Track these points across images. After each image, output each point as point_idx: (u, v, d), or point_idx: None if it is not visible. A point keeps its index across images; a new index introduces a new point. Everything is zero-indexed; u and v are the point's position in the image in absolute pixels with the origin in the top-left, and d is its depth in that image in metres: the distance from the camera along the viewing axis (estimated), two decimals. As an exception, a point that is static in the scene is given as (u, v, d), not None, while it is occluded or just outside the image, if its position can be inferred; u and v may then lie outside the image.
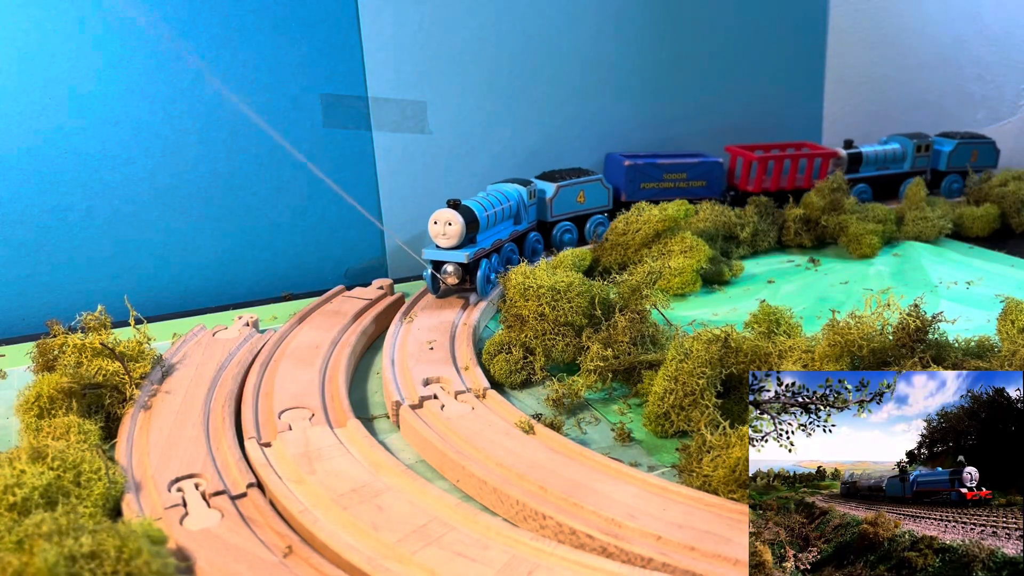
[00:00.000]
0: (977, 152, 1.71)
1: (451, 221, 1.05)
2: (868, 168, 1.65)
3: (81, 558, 0.50)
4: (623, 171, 1.48)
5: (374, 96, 1.35)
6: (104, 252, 1.21)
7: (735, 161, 1.59)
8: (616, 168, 1.51)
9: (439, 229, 1.05)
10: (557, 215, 1.33)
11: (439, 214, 1.05)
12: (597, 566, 0.57)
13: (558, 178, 1.34)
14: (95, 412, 0.80)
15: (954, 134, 1.73)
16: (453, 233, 1.05)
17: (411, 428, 0.79)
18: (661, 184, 1.51)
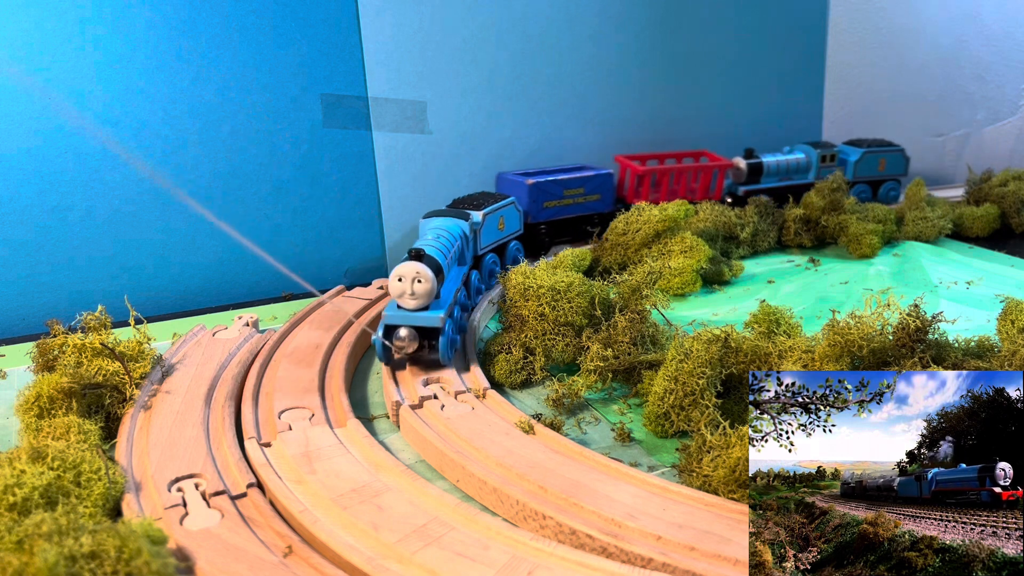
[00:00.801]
0: (885, 161, 1.68)
1: (421, 277, 0.86)
2: (770, 179, 1.59)
3: (81, 558, 0.50)
4: (526, 191, 1.32)
5: (374, 96, 1.35)
6: (104, 252, 1.21)
7: (624, 172, 1.50)
8: (515, 188, 1.35)
9: (404, 287, 0.86)
10: (485, 246, 1.14)
11: (404, 269, 0.86)
12: (597, 566, 0.57)
13: (473, 204, 1.14)
14: (95, 412, 0.80)
15: (862, 142, 1.69)
16: (423, 292, 0.86)
17: (411, 428, 0.79)
18: (562, 201, 1.37)
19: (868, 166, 1.66)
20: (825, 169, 1.62)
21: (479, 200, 1.15)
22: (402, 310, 0.87)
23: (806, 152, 1.62)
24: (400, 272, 0.86)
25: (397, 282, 0.86)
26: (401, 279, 0.86)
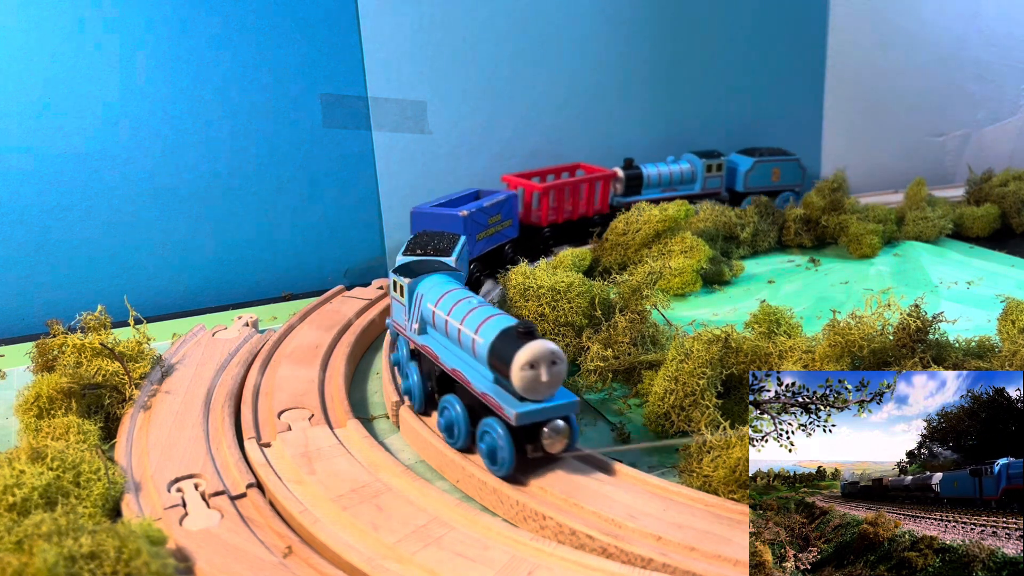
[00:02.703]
0: (779, 171, 1.58)
1: (556, 358, 0.66)
2: (651, 190, 1.49)
3: (80, 558, 0.50)
4: (460, 224, 1.10)
5: (374, 96, 1.35)
6: (104, 252, 1.21)
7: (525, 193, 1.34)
8: (441, 223, 1.11)
9: (538, 374, 0.65)
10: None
11: (534, 354, 0.65)
12: (597, 567, 0.57)
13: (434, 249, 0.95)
14: (95, 412, 0.80)
15: (755, 151, 1.60)
16: (559, 373, 0.66)
17: (411, 428, 0.79)
18: (488, 231, 1.17)
19: (760, 176, 1.56)
20: (712, 179, 1.54)
21: (433, 243, 0.96)
22: (527, 402, 0.66)
23: (691, 161, 1.53)
24: (529, 358, 0.65)
25: (528, 371, 0.65)
26: (533, 366, 0.65)
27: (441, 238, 0.97)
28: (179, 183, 1.24)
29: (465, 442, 0.73)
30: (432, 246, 0.94)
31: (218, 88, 1.24)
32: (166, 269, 1.26)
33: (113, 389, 0.82)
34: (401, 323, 0.83)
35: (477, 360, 0.71)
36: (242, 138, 1.27)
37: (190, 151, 1.24)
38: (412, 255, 0.91)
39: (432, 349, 0.77)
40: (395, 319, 0.85)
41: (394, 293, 0.84)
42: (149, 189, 1.22)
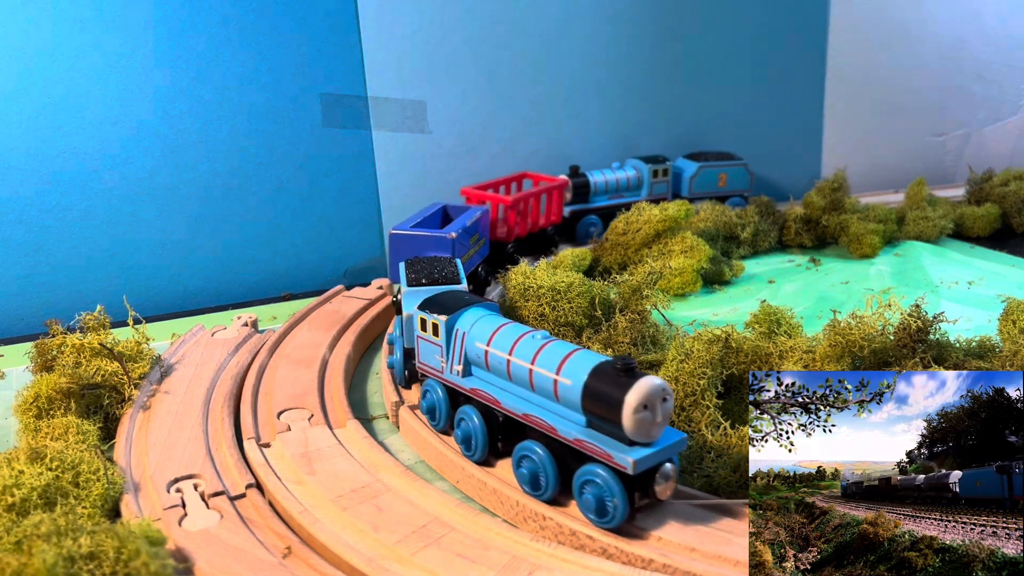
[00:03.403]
0: (726, 176, 1.55)
1: (666, 394, 0.60)
2: (599, 198, 1.44)
3: (80, 559, 0.50)
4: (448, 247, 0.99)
5: (374, 96, 1.34)
6: (103, 252, 1.21)
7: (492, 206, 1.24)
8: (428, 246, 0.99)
9: (654, 415, 0.59)
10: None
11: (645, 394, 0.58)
12: (597, 567, 0.57)
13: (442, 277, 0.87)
14: (94, 412, 0.79)
15: (700, 155, 1.56)
16: (670, 410, 0.60)
17: (411, 429, 0.79)
18: (469, 253, 1.06)
19: (705, 181, 1.54)
20: (658, 185, 1.49)
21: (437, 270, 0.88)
22: (637, 446, 0.59)
23: (637, 167, 1.49)
24: (642, 399, 0.58)
25: (642, 412, 0.58)
26: (647, 407, 0.58)
27: (440, 264, 0.89)
28: (178, 183, 1.24)
29: (554, 493, 0.65)
30: (437, 273, 0.86)
31: (218, 88, 1.23)
32: (165, 269, 1.26)
33: (112, 389, 0.82)
34: (434, 365, 0.75)
35: (561, 403, 0.64)
36: (242, 138, 1.27)
37: (189, 151, 1.24)
38: (420, 286, 0.83)
39: (488, 393, 0.69)
40: (425, 361, 0.76)
41: (421, 332, 0.75)
42: (148, 189, 1.22)
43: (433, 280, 0.85)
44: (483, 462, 0.71)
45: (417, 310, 0.75)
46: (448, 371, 0.74)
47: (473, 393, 0.71)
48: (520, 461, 0.67)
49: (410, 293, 0.82)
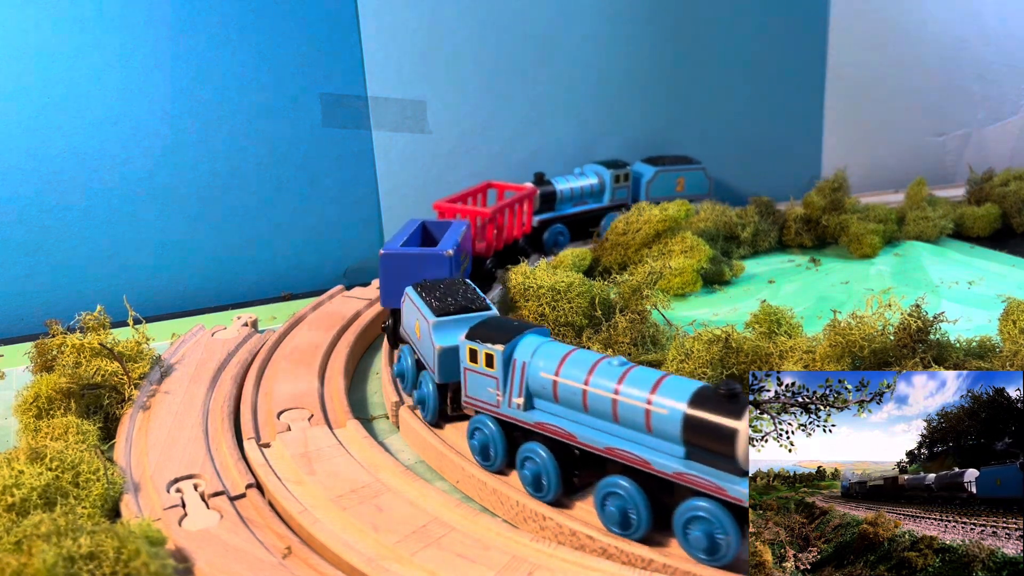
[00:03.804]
0: (684, 180, 1.52)
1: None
2: (564, 205, 1.39)
3: (79, 559, 0.50)
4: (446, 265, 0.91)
5: (374, 96, 1.34)
6: (103, 252, 1.21)
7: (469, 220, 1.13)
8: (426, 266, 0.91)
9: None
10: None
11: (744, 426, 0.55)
12: (597, 567, 0.57)
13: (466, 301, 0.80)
14: (94, 412, 0.79)
15: (658, 159, 1.53)
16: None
17: (411, 429, 0.79)
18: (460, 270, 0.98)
19: (663, 186, 1.50)
20: (620, 190, 1.45)
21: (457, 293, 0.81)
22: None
23: (598, 173, 1.44)
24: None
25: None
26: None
27: (454, 287, 0.82)
28: (178, 183, 1.24)
29: (646, 531, 0.60)
30: (461, 298, 0.79)
31: (217, 87, 1.23)
32: (165, 269, 1.26)
33: (112, 389, 0.82)
34: (487, 399, 0.69)
35: (654, 435, 0.60)
36: (241, 138, 1.27)
37: (189, 151, 1.24)
38: (450, 314, 0.76)
39: (559, 427, 0.64)
40: (475, 396, 0.70)
41: (471, 364, 0.70)
42: (148, 189, 1.22)
43: (461, 307, 0.77)
44: (555, 503, 0.65)
45: (465, 340, 0.69)
46: (506, 405, 0.68)
47: (539, 428, 0.65)
48: (606, 499, 0.62)
49: (442, 324, 0.75)
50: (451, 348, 0.74)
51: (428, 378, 0.78)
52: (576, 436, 0.63)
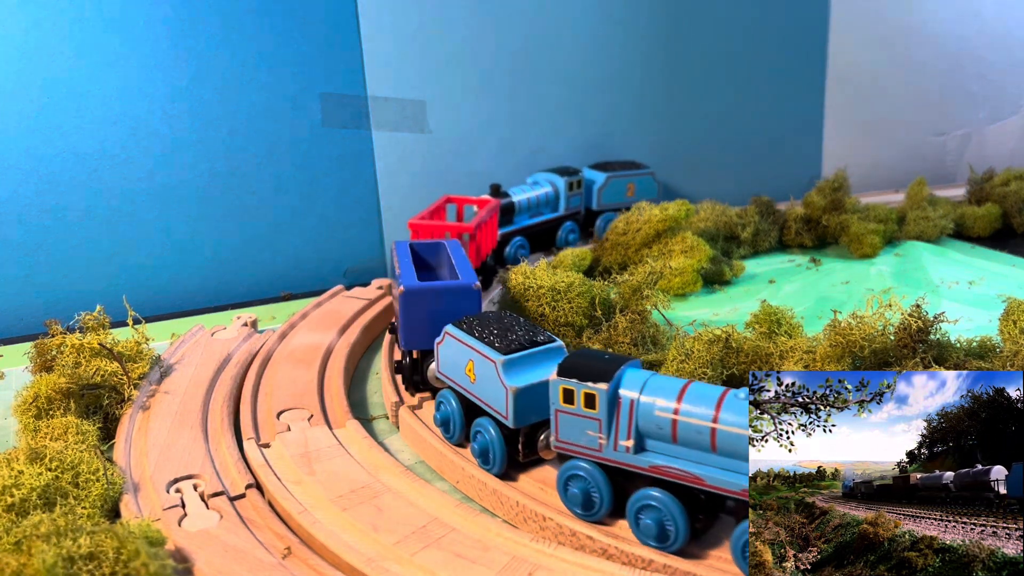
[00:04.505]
0: (634, 185, 1.47)
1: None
2: (522, 217, 1.33)
3: (79, 559, 0.50)
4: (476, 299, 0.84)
5: (373, 95, 1.34)
6: (102, 252, 1.21)
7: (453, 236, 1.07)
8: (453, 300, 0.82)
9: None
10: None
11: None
12: (597, 568, 0.57)
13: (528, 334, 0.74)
14: (93, 413, 0.79)
15: (606, 165, 1.48)
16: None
17: (410, 429, 0.79)
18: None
19: (614, 192, 1.44)
20: (574, 198, 1.39)
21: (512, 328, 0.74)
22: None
23: (552, 181, 1.38)
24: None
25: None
26: None
27: (502, 320, 0.75)
28: (178, 182, 1.24)
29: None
30: (522, 332, 0.73)
31: (217, 87, 1.23)
32: (165, 269, 1.26)
33: (112, 389, 0.82)
34: (586, 443, 0.63)
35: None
36: (241, 137, 1.27)
37: (189, 150, 1.24)
38: (517, 351, 0.70)
39: (682, 469, 0.59)
40: (569, 440, 0.64)
41: (565, 406, 0.63)
42: (148, 189, 1.22)
43: (528, 341, 0.71)
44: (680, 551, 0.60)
45: (558, 379, 0.63)
46: (612, 448, 0.62)
47: (656, 471, 0.60)
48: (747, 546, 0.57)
49: (512, 362, 0.69)
50: (526, 388, 0.67)
51: (489, 424, 0.70)
52: (703, 479, 0.59)
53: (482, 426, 0.71)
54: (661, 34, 1.59)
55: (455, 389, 0.75)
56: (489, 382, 0.70)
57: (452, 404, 0.75)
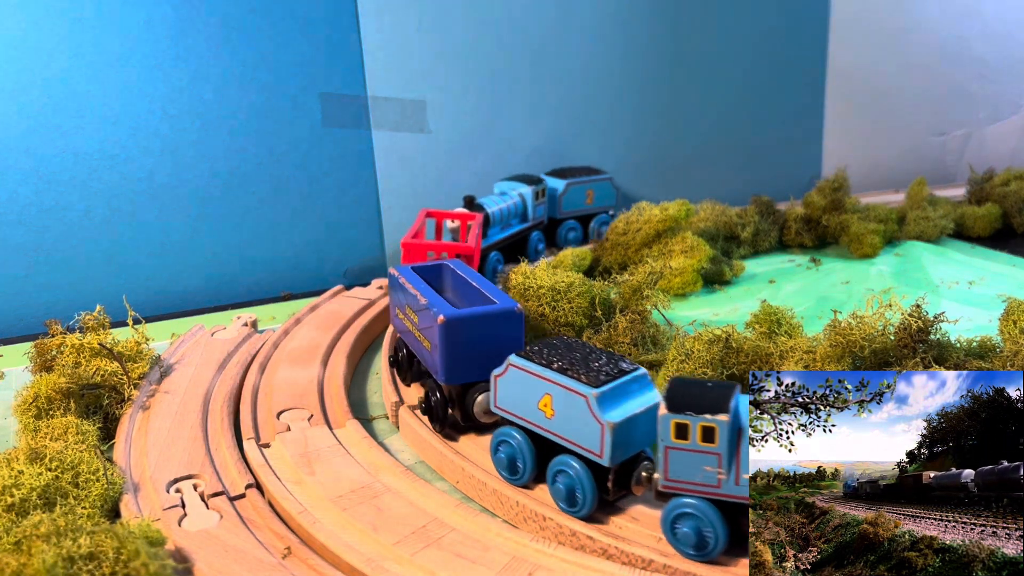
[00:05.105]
0: (593, 192, 1.41)
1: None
2: (495, 229, 1.26)
3: (79, 559, 0.50)
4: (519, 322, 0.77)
5: (374, 95, 1.34)
6: (102, 252, 1.21)
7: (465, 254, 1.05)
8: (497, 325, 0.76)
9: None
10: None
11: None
12: (597, 568, 0.57)
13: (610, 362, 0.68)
14: (93, 412, 0.79)
15: (565, 171, 1.43)
16: None
17: (410, 429, 0.79)
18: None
19: (574, 199, 1.39)
20: (539, 207, 1.34)
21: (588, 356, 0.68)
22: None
23: (519, 191, 1.31)
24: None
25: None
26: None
27: (572, 347, 0.70)
28: (178, 183, 1.24)
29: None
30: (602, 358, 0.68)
31: (217, 87, 1.23)
32: (165, 269, 1.26)
33: (112, 389, 0.82)
34: (703, 480, 0.59)
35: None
36: (241, 138, 1.27)
37: (189, 150, 1.24)
38: (607, 382, 0.64)
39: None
40: (680, 478, 0.60)
41: (677, 441, 0.59)
42: (148, 189, 1.22)
43: (617, 371, 0.66)
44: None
45: (670, 414, 0.59)
46: (732, 484, 0.58)
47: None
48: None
49: (606, 396, 0.63)
50: (624, 422, 0.63)
51: (574, 462, 0.65)
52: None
53: (566, 465, 0.65)
54: (662, 34, 1.59)
55: (522, 426, 0.69)
56: (575, 417, 0.64)
57: (520, 442, 0.69)
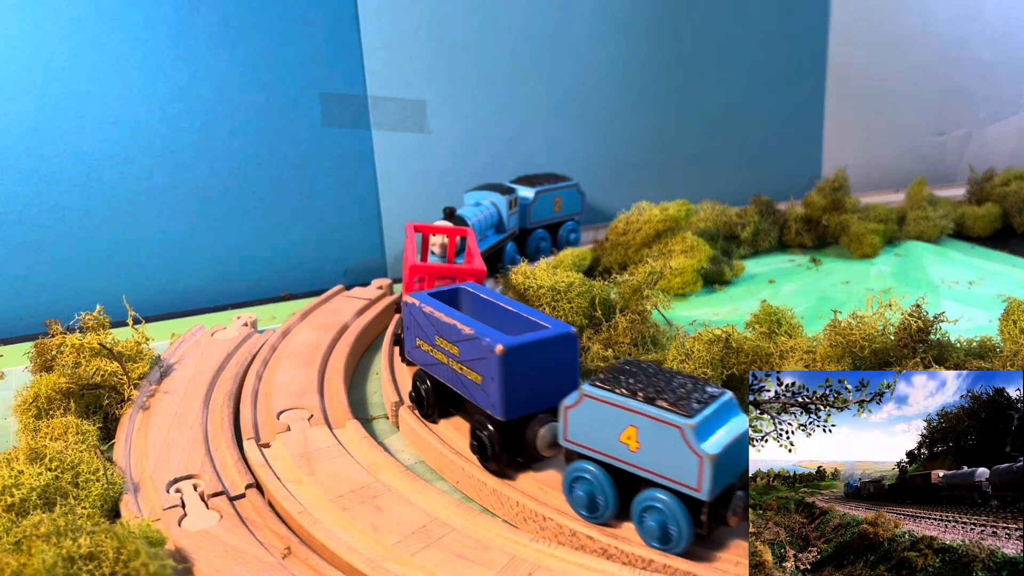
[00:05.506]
0: (561, 200, 1.37)
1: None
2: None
3: (79, 559, 0.50)
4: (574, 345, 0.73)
5: (373, 95, 1.34)
6: (102, 252, 1.21)
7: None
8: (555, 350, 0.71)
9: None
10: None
11: None
12: (597, 568, 0.57)
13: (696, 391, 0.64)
14: (93, 412, 0.79)
15: (531, 179, 1.38)
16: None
17: (410, 429, 0.79)
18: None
19: (543, 208, 1.35)
20: (512, 216, 1.29)
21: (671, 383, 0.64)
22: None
23: (495, 202, 1.27)
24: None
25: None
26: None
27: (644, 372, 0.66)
28: (178, 182, 1.24)
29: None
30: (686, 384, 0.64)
31: (217, 87, 1.23)
32: (165, 269, 1.26)
33: (112, 389, 0.82)
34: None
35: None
36: (241, 137, 1.27)
37: (189, 150, 1.24)
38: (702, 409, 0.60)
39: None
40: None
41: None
42: (148, 189, 1.22)
43: (707, 397, 0.62)
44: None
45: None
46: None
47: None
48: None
49: (703, 425, 0.59)
50: (721, 453, 0.58)
51: (662, 496, 0.61)
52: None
53: (657, 500, 0.61)
54: (662, 34, 1.59)
55: (599, 460, 0.64)
56: (665, 449, 0.60)
57: (597, 477, 0.64)
